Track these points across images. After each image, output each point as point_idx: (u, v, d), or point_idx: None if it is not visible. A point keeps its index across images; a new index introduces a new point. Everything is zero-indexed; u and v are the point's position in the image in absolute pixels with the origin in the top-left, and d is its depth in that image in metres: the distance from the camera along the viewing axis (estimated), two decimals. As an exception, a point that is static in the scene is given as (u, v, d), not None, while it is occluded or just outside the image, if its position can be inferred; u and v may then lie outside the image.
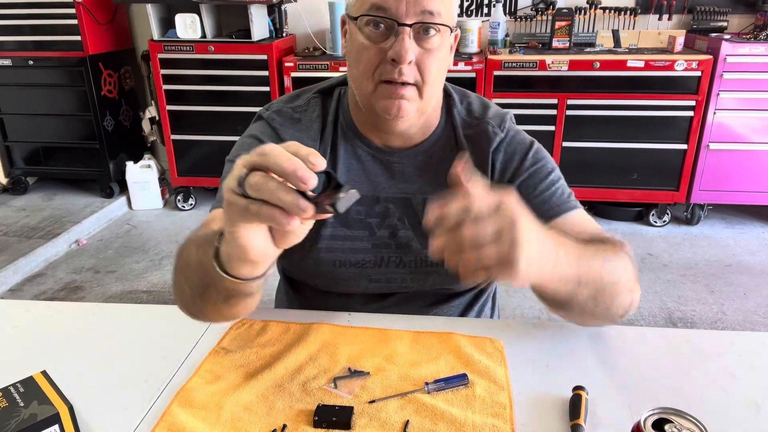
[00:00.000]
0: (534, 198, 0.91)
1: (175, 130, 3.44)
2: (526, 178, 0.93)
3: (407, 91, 0.84)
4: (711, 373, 0.79)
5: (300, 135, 0.95)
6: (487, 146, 0.94)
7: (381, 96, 0.85)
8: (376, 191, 0.95)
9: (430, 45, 0.83)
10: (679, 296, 2.58)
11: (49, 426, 0.63)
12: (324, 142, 0.95)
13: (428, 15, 0.80)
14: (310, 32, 3.52)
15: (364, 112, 0.91)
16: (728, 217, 3.40)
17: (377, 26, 0.82)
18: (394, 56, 0.80)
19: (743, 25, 3.31)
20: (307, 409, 0.72)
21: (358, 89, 0.88)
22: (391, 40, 0.81)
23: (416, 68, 0.83)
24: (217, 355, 0.83)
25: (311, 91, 1.00)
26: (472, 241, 0.55)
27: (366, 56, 0.84)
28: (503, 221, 0.55)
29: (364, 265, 0.96)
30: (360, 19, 0.83)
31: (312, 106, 0.97)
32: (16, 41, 3.44)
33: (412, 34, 0.81)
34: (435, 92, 0.89)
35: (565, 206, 0.90)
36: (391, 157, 0.95)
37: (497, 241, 0.55)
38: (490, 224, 0.55)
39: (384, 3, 0.80)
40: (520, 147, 0.95)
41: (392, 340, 0.86)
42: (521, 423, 0.70)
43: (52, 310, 0.98)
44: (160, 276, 2.82)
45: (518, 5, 3.46)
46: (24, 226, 3.30)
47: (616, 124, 3.07)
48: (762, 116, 3.00)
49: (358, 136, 0.96)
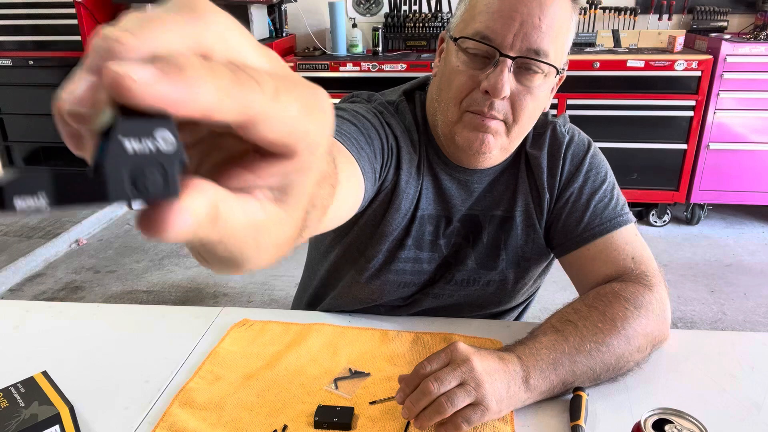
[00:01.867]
0: (585, 209, 0.86)
1: (175, 130, 3.43)
2: (581, 185, 0.88)
3: (494, 124, 0.77)
4: (711, 373, 0.79)
5: (405, 137, 0.86)
6: (560, 146, 0.88)
7: (465, 126, 0.78)
8: (451, 212, 0.90)
9: (530, 83, 0.76)
10: (679, 296, 2.58)
11: (49, 426, 0.63)
12: (420, 153, 0.87)
13: (534, 53, 0.73)
14: (310, 32, 3.52)
15: (443, 138, 0.84)
16: (728, 217, 3.40)
17: (477, 52, 0.75)
18: (489, 88, 0.74)
19: (743, 25, 3.31)
20: (307, 409, 0.72)
21: (443, 113, 0.81)
22: (489, 70, 0.74)
23: (509, 104, 0.76)
24: (217, 355, 0.83)
25: (395, 94, 0.91)
26: (440, 393, 0.63)
27: (458, 81, 0.77)
28: (460, 369, 0.64)
29: (414, 285, 0.92)
30: (461, 41, 0.76)
31: (402, 110, 0.88)
32: (16, 41, 3.44)
33: (513, 68, 0.74)
34: (523, 133, 0.82)
35: (615, 221, 0.85)
36: (470, 177, 0.88)
37: (463, 387, 0.63)
38: (451, 376, 0.64)
39: (491, 32, 0.73)
40: (579, 149, 0.89)
41: (393, 341, 0.86)
42: (521, 424, 0.70)
43: (53, 310, 0.98)
44: (160, 276, 2.82)
45: (518, 5, 3.46)
46: (24, 226, 3.29)
47: (615, 124, 3.07)
48: (762, 116, 3.00)
49: (436, 151, 0.88)
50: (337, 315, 0.94)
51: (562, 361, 0.70)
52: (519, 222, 0.91)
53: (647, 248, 0.86)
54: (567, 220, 0.87)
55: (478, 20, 0.74)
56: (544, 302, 2.58)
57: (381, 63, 3.12)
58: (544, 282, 1.04)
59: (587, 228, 0.86)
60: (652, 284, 0.80)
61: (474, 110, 0.76)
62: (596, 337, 0.73)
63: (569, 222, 0.87)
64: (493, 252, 0.92)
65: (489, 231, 0.91)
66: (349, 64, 3.14)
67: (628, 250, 0.84)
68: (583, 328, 0.73)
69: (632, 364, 0.76)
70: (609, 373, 0.74)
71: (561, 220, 0.88)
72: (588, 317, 0.75)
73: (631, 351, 0.74)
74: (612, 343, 0.73)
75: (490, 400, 0.64)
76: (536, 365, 0.69)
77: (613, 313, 0.75)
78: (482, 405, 0.64)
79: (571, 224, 0.87)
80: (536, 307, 2.60)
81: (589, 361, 0.72)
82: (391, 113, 0.87)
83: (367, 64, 3.12)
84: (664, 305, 0.80)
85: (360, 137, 0.73)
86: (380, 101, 0.88)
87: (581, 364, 0.71)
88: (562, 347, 0.71)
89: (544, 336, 0.73)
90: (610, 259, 0.84)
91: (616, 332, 0.73)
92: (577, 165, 0.89)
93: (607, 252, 0.84)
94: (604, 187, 0.88)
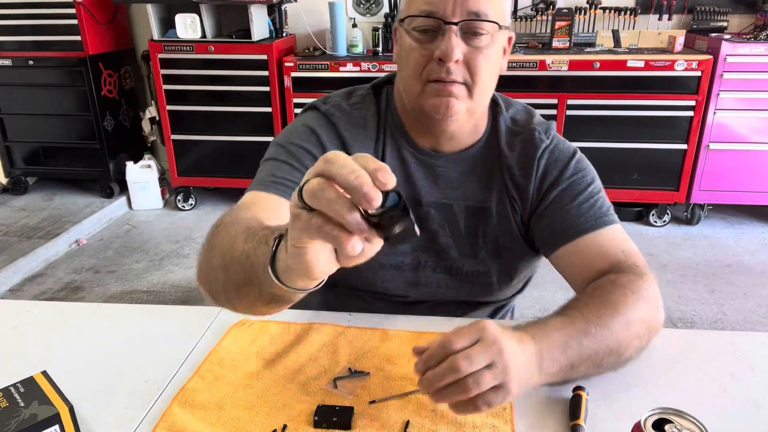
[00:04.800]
0: (570, 209, 0.90)
1: (175, 130, 3.44)
2: (565, 188, 0.91)
3: (456, 89, 0.83)
4: (711, 373, 0.80)
5: (358, 133, 0.93)
6: (534, 152, 0.93)
7: (429, 95, 0.84)
8: (418, 195, 0.94)
9: (479, 43, 0.82)
10: (679, 296, 2.58)
11: (49, 426, 0.63)
12: (378, 142, 0.94)
13: (475, 15, 0.80)
14: (310, 32, 3.52)
15: (413, 114, 0.91)
16: (728, 217, 3.40)
17: (425, 27, 0.82)
18: (441, 55, 0.80)
19: (743, 25, 3.31)
20: (307, 409, 0.72)
21: (407, 91, 0.88)
22: (439, 40, 0.81)
23: (465, 67, 0.82)
24: (217, 355, 0.83)
25: (364, 88, 0.99)
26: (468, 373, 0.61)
27: (414, 57, 0.83)
28: (490, 350, 0.62)
29: (402, 267, 0.96)
30: (407, 20, 0.83)
31: (367, 103, 0.96)
32: (16, 41, 3.44)
33: (459, 33, 0.80)
34: (486, 93, 0.87)
35: (600, 221, 0.88)
36: (437, 161, 0.93)
37: (491, 369, 0.62)
38: (482, 356, 0.62)
39: (432, 6, 0.80)
40: (563, 155, 0.94)
41: (393, 341, 0.86)
42: (521, 423, 0.70)
43: (53, 310, 0.98)
44: (160, 276, 2.82)
45: (518, 5, 3.45)
46: (24, 226, 3.30)
47: (616, 124, 3.07)
48: (762, 116, 3.00)
49: (405, 137, 0.94)
50: (337, 314, 0.94)
51: (570, 343, 0.71)
52: (495, 213, 0.94)
53: (634, 244, 0.89)
54: (552, 217, 0.91)
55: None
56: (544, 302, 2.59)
57: (381, 63, 3.12)
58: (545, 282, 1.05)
59: (573, 225, 0.89)
60: (645, 273, 0.83)
61: (434, 78, 0.82)
62: (600, 320, 0.74)
63: (555, 220, 0.90)
64: (471, 241, 0.95)
65: (464, 220, 0.95)
66: (349, 64, 3.14)
67: (618, 244, 0.87)
68: (588, 313, 0.75)
69: (632, 350, 0.77)
70: (611, 359, 0.74)
71: (546, 218, 0.92)
72: (590, 304, 0.77)
73: (630, 337, 0.76)
74: (614, 326, 0.74)
75: (514, 385, 0.63)
76: (549, 348, 0.69)
77: (613, 299, 0.77)
78: (505, 389, 0.63)
79: (556, 222, 0.90)
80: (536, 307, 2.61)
81: (593, 345, 0.72)
82: (344, 112, 0.94)
83: (367, 64, 3.12)
84: (657, 293, 0.82)
85: (292, 175, 0.86)
86: (334, 103, 0.95)
87: (587, 348, 0.72)
88: (570, 330, 0.72)
89: (553, 318, 0.74)
90: (600, 253, 0.86)
91: (618, 316, 0.75)
92: (561, 170, 0.92)
93: (597, 247, 0.87)
94: (590, 189, 0.91)
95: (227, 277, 0.68)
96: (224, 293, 0.71)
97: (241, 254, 0.64)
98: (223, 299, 0.73)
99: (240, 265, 0.65)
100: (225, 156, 3.45)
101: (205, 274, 0.74)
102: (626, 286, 0.79)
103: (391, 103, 0.96)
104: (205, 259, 0.74)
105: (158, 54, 3.27)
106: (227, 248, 0.69)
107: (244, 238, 0.66)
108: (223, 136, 3.38)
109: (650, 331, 0.79)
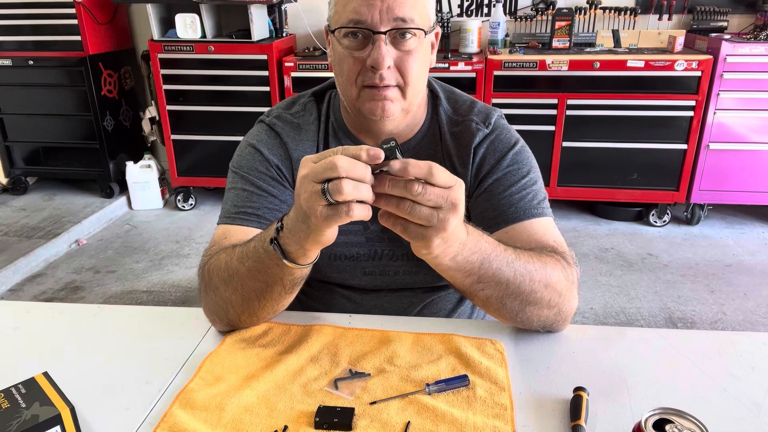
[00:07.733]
0: (502, 198, 0.93)
1: (175, 130, 3.44)
2: (500, 177, 0.95)
3: (390, 92, 0.87)
4: (711, 373, 0.80)
5: (301, 138, 1.00)
6: (470, 141, 0.97)
7: (365, 99, 0.88)
8: None
9: (408, 47, 0.86)
10: (679, 296, 2.59)
11: (50, 427, 0.63)
12: (319, 145, 1.00)
13: (401, 22, 0.84)
14: (310, 32, 3.52)
15: (353, 115, 0.96)
16: (728, 217, 3.40)
17: (355, 36, 0.85)
18: (373, 63, 0.84)
19: (743, 25, 3.31)
20: (308, 410, 0.72)
21: (344, 95, 0.92)
22: (369, 48, 0.85)
23: (396, 71, 0.87)
24: (217, 356, 0.83)
25: (306, 96, 1.04)
26: (418, 197, 0.63)
27: (347, 64, 0.87)
28: (449, 197, 0.64)
29: (358, 259, 0.99)
30: (338, 31, 0.87)
31: (308, 109, 1.02)
32: (16, 41, 3.44)
33: (388, 40, 0.84)
34: (418, 91, 0.92)
35: (530, 212, 0.92)
36: None
37: (437, 208, 0.64)
38: (438, 198, 0.63)
39: (358, 15, 0.83)
40: (502, 145, 0.97)
41: (393, 342, 0.86)
42: (522, 424, 0.70)
43: (54, 310, 0.98)
44: (160, 276, 2.82)
45: (518, 5, 3.46)
46: (24, 226, 3.30)
47: (616, 124, 3.07)
48: (762, 116, 3.00)
49: (348, 136, 1.00)
50: (337, 315, 0.94)
51: (495, 258, 0.76)
52: None
53: (564, 240, 0.93)
54: (485, 205, 0.95)
55: (348, 8, 0.85)
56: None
57: (381, 63, 3.12)
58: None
59: (503, 213, 0.92)
60: (573, 265, 0.87)
61: (368, 84, 0.87)
62: (527, 259, 0.80)
63: (487, 207, 0.94)
64: None
65: None
66: (349, 64, 3.13)
67: (549, 236, 0.91)
68: (521, 253, 0.80)
69: (536, 312, 0.82)
70: (515, 301, 0.79)
71: (480, 206, 0.96)
72: (526, 251, 0.83)
73: (542, 297, 0.80)
74: (534, 276, 0.79)
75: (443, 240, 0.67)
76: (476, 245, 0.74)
77: (545, 259, 0.83)
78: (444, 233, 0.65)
79: (488, 210, 0.94)
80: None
81: (509, 274, 0.77)
82: (285, 121, 1.00)
83: (367, 64, 3.12)
84: (577, 284, 0.87)
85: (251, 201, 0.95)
86: (276, 114, 1.02)
87: (501, 274, 0.77)
88: (499, 249, 0.77)
89: (493, 237, 0.80)
90: (531, 240, 0.89)
91: (541, 271, 0.80)
92: (498, 159, 0.96)
93: (527, 235, 0.90)
94: (524, 181, 0.95)
95: (245, 295, 0.82)
96: (245, 310, 0.84)
97: (252, 270, 0.79)
98: (244, 318, 0.86)
99: (253, 278, 0.79)
100: (225, 156, 3.41)
101: (215, 310, 0.86)
102: (559, 261, 0.85)
103: (334, 105, 1.02)
104: (210, 299, 0.86)
105: (158, 54, 3.27)
106: (229, 275, 0.81)
107: (240, 260, 0.79)
108: (224, 136, 3.38)
109: (560, 308, 0.84)
